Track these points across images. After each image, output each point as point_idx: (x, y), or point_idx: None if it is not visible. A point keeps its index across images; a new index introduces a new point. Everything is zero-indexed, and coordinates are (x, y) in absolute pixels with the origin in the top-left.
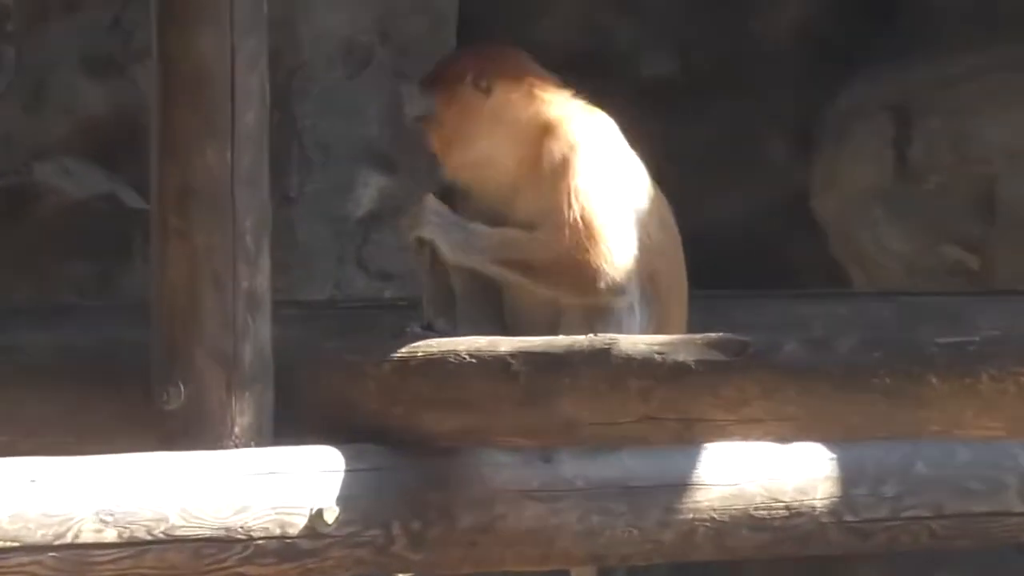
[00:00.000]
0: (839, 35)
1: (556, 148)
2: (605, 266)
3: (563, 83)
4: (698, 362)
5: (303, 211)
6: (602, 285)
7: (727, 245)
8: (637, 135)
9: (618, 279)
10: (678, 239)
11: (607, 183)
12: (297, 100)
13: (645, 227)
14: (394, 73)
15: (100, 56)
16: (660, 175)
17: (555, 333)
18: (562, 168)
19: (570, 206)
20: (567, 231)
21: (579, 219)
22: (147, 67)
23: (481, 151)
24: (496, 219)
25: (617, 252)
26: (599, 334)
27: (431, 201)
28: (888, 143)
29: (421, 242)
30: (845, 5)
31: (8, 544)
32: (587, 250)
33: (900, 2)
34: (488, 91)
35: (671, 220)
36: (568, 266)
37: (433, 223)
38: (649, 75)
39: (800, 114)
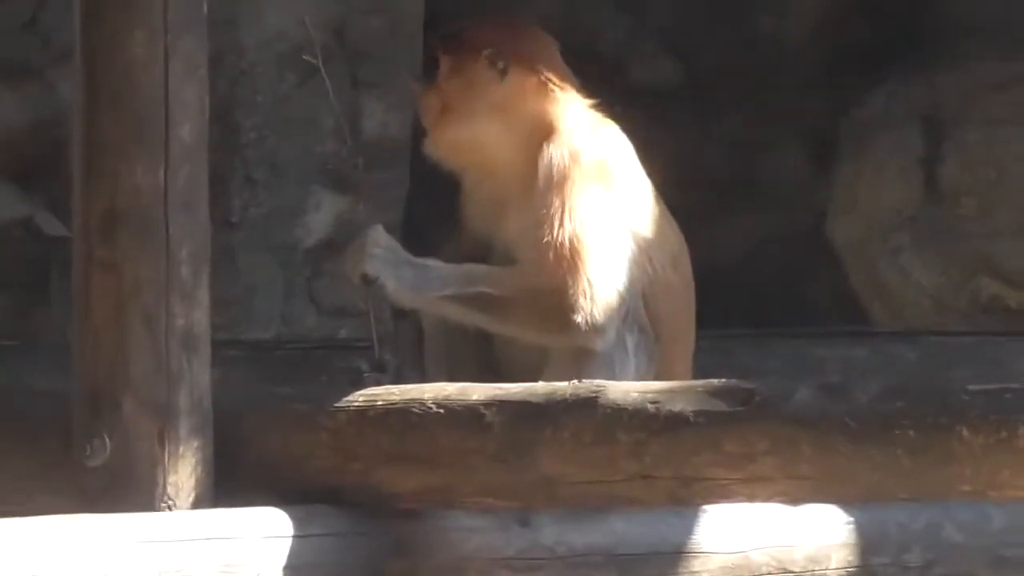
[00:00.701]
0: (859, 35)
1: (556, 155)
2: (584, 301)
3: (582, 86)
4: (698, 412)
5: (247, 238)
6: (579, 320)
7: (730, 276)
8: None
9: (599, 317)
10: (690, 277)
11: (607, 206)
12: (240, 111)
13: (650, 260)
14: (351, 80)
15: (14, 60)
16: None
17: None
18: (559, 180)
19: (561, 224)
20: (551, 254)
21: (567, 242)
22: (69, 72)
23: (477, 136)
24: (483, 243)
25: (601, 286)
26: (584, 380)
27: (377, 233)
28: (916, 159)
29: (367, 280)
30: (865, 2)
31: None
32: (567, 279)
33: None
34: (503, 72)
35: (684, 255)
36: (542, 297)
37: (379, 258)
38: (643, 81)
39: (814, 125)
